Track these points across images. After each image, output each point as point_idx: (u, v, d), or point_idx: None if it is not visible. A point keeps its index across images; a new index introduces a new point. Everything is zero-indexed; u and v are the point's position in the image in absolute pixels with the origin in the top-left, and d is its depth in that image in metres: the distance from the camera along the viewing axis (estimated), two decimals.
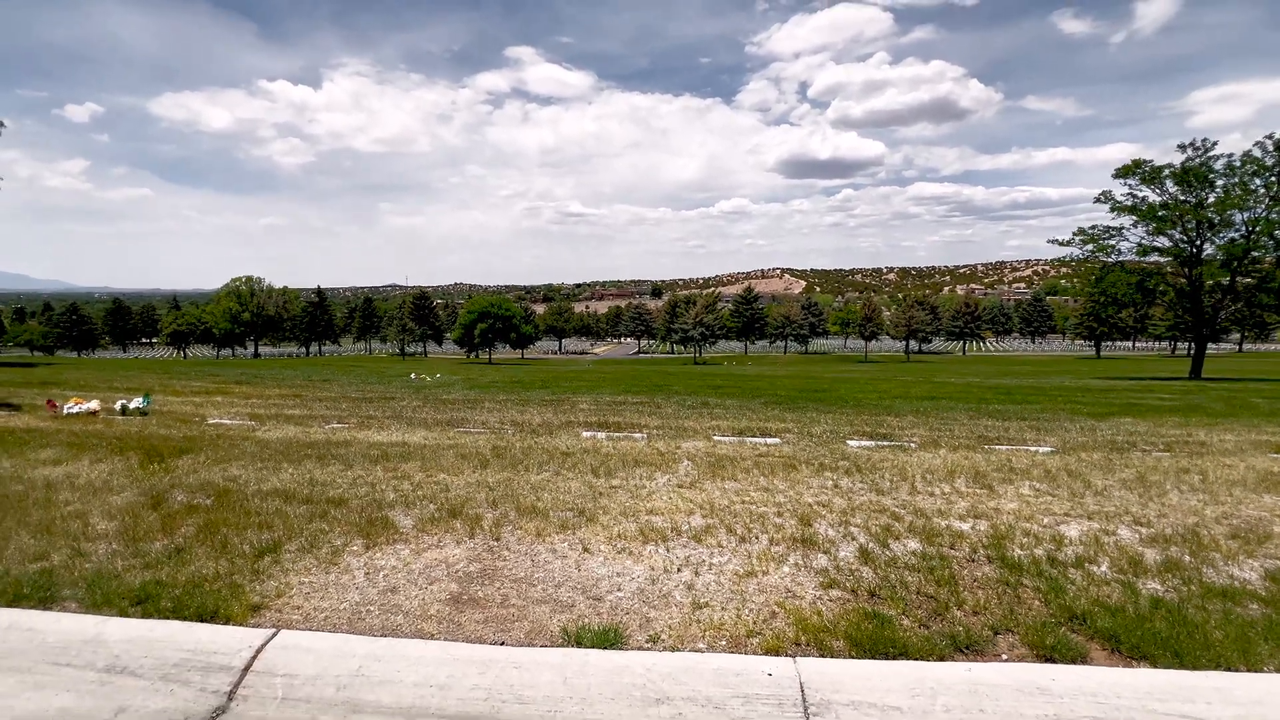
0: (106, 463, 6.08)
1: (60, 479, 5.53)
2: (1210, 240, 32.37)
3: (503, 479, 5.81)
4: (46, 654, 3.19)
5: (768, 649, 3.27)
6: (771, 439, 8.06)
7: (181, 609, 3.50)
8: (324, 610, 3.57)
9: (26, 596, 3.59)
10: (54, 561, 3.99)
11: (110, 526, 4.52)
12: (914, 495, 5.58)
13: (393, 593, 3.79)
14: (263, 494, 5.22)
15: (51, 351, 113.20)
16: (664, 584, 3.92)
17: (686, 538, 4.57)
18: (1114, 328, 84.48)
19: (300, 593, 3.74)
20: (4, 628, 3.34)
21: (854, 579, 3.93)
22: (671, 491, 5.60)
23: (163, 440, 7.01)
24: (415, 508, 5.02)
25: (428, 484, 5.61)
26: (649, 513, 5.03)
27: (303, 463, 6.21)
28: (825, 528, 4.73)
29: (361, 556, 4.21)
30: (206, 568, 3.94)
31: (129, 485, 5.39)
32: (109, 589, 3.67)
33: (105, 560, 4.02)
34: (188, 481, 5.53)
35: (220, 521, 4.58)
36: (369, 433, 7.90)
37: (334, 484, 5.59)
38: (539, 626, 3.48)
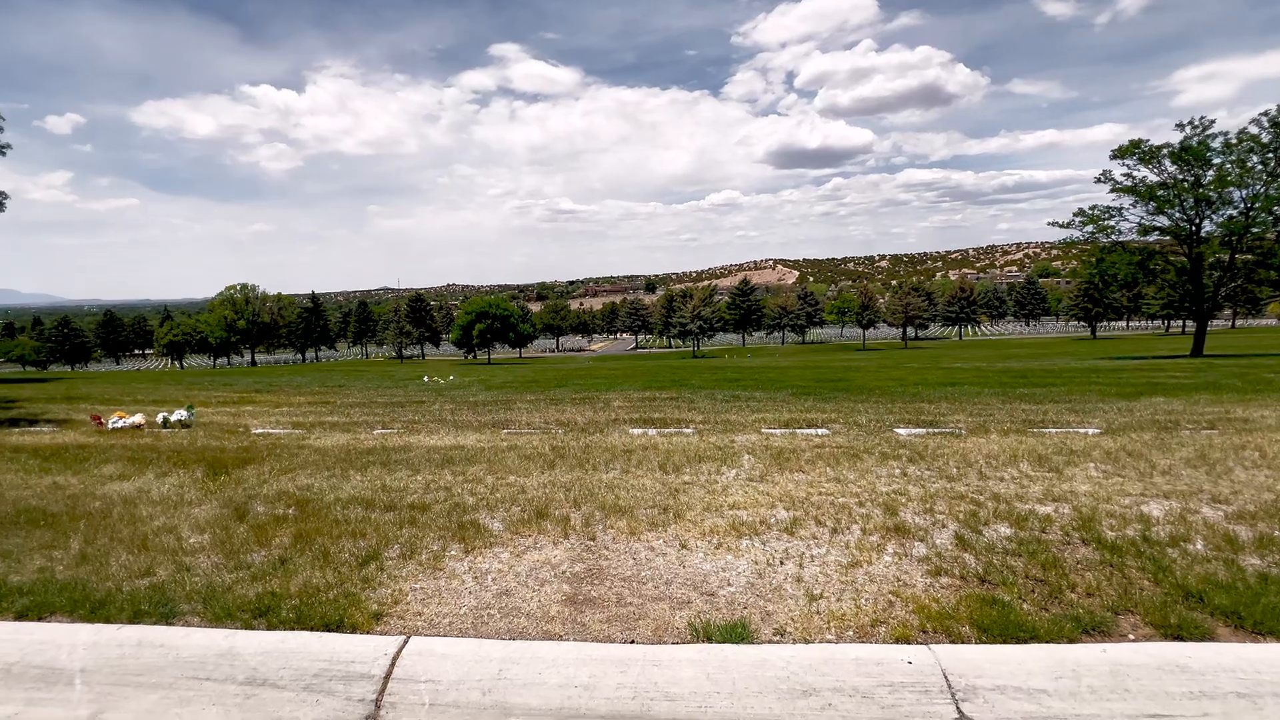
0: (173, 476, 6.06)
1: (133, 494, 5.52)
2: (1209, 218, 32.60)
3: (574, 479, 5.82)
4: (184, 669, 3.19)
5: (897, 637, 3.31)
6: (819, 430, 8.10)
7: (305, 620, 3.51)
8: (445, 616, 3.59)
9: (147, 613, 3.58)
10: (160, 576, 3.98)
11: (203, 540, 4.51)
12: (985, 480, 5.63)
13: (507, 595, 3.80)
14: (342, 502, 5.22)
15: (44, 366, 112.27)
16: (772, 577, 3.95)
17: (777, 531, 4.60)
18: (1109, 308, 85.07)
19: (416, 599, 3.75)
20: (135, 644, 3.34)
21: (959, 565, 3.97)
22: (745, 485, 5.63)
23: (219, 452, 6.99)
24: (499, 510, 5.03)
25: (502, 486, 5.62)
26: (731, 507, 5.06)
27: (368, 469, 6.20)
28: (911, 516, 4.77)
29: (463, 561, 4.22)
30: (315, 578, 3.94)
31: (205, 498, 5.38)
32: (226, 602, 3.67)
33: (211, 573, 4.02)
34: (263, 492, 5.52)
35: (312, 531, 4.58)
36: (420, 437, 7.89)
37: (408, 490, 5.59)
38: (663, 623, 3.50)
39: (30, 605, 3.63)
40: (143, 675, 3.16)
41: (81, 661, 3.24)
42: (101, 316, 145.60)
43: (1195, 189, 31.91)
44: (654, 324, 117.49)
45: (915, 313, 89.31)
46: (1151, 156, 33.19)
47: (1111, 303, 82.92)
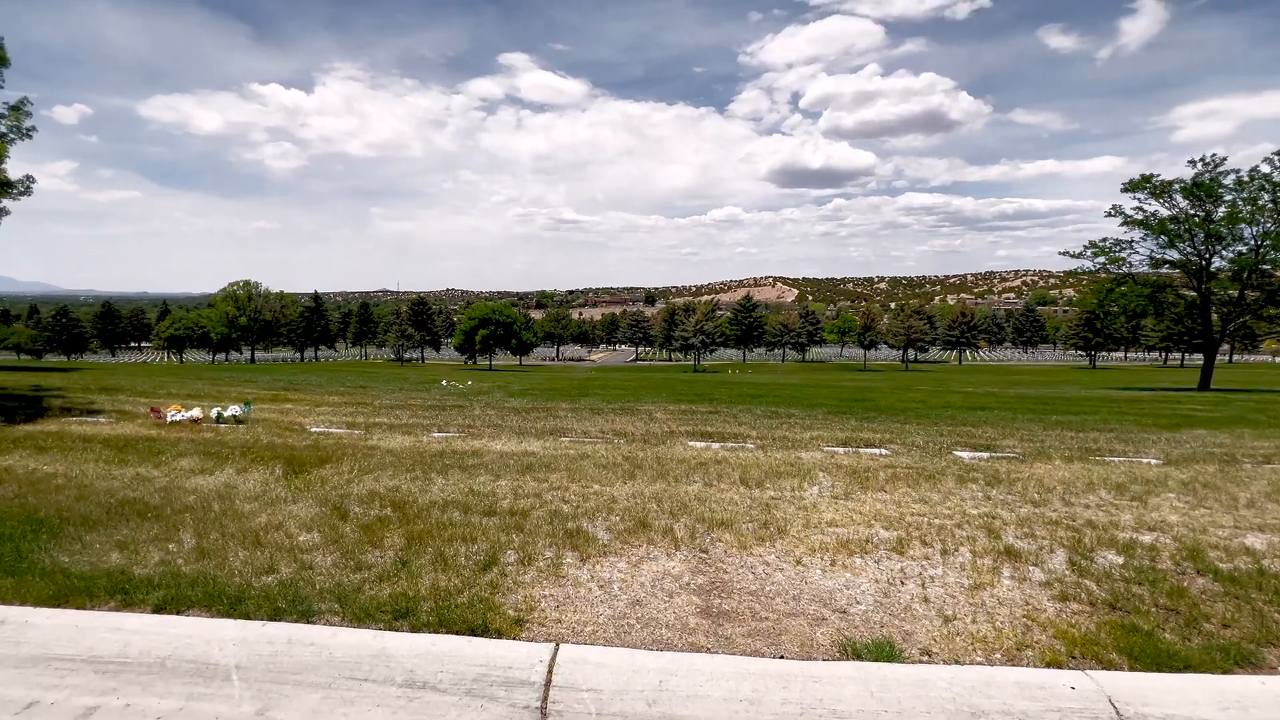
0: (254, 473, 6.03)
1: (222, 489, 5.48)
2: (1219, 254, 32.95)
3: (660, 490, 5.82)
4: (340, 669, 3.17)
5: (1047, 662, 3.32)
6: (878, 450, 8.12)
7: (447, 623, 3.50)
8: (586, 624, 3.58)
9: (285, 611, 3.56)
10: (284, 574, 3.96)
11: (313, 538, 4.49)
12: (1070, 507, 5.65)
13: (639, 606, 3.80)
14: (438, 505, 5.21)
15: (40, 355, 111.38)
16: (898, 596, 3.96)
17: (885, 550, 4.61)
18: (1109, 338, 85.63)
19: (550, 606, 3.74)
20: (285, 642, 3.31)
21: (1084, 591, 3.98)
22: (833, 503, 5.64)
23: (290, 450, 6.96)
24: (598, 519, 5.02)
25: (591, 495, 5.61)
26: (830, 525, 5.07)
27: (448, 473, 6.19)
28: (1015, 540, 4.79)
29: (581, 569, 4.21)
30: (441, 581, 3.93)
31: (297, 496, 5.36)
32: (363, 603, 3.66)
33: (334, 573, 4.00)
34: (353, 492, 5.50)
35: (420, 534, 4.57)
36: (483, 442, 7.87)
37: (497, 495, 5.58)
38: (805, 639, 3.50)
39: (166, 599, 3.60)
40: (300, 674, 3.14)
41: (235, 658, 3.21)
42: (99, 307, 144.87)
43: (1206, 224, 32.28)
44: (655, 336, 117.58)
45: (917, 335, 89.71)
46: (1163, 191, 33.57)
47: (1112, 333, 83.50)
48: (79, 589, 3.65)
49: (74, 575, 3.79)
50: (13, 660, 3.17)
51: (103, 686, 3.03)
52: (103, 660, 3.18)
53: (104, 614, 3.49)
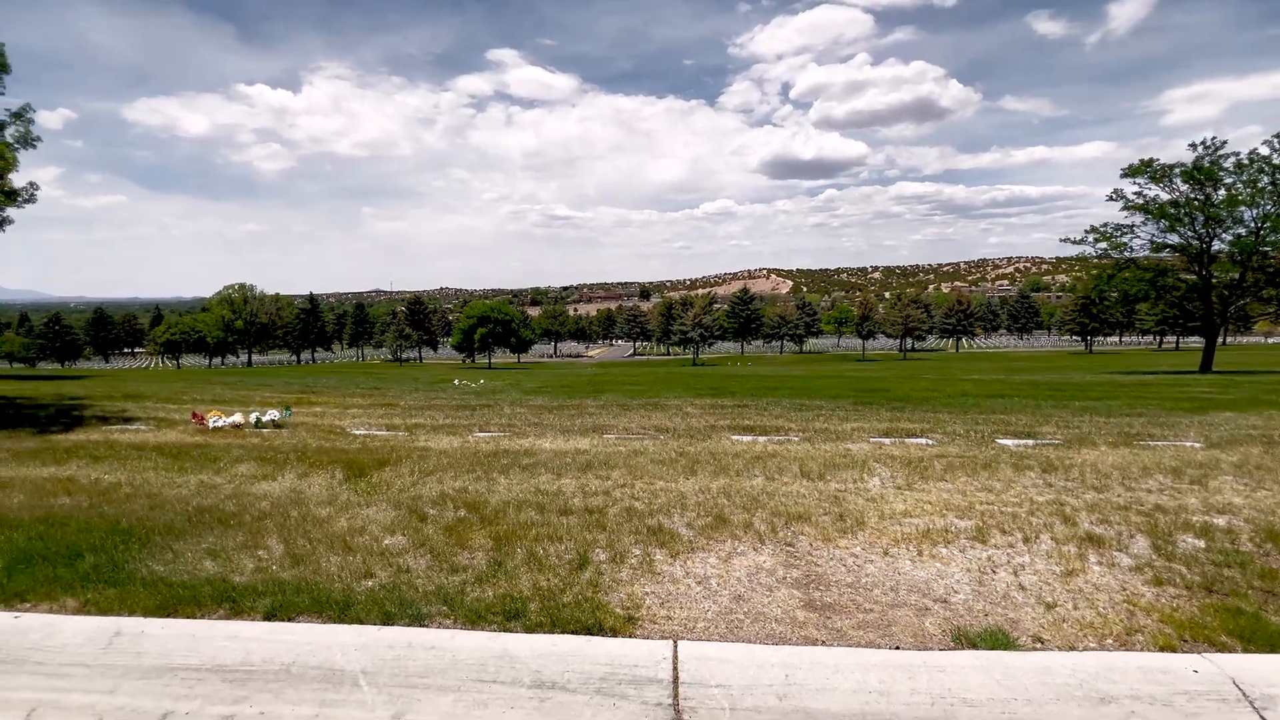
0: (315, 477, 6.01)
1: (290, 495, 5.47)
2: (1219, 237, 33.16)
3: (724, 485, 5.84)
4: (466, 672, 3.18)
5: (1161, 646, 3.35)
6: (920, 439, 8.16)
7: (559, 623, 3.51)
8: (696, 620, 3.60)
9: (396, 615, 3.56)
10: (383, 578, 3.96)
11: (399, 541, 4.48)
12: (1132, 492, 5.70)
13: (742, 601, 3.82)
14: (512, 505, 5.21)
15: (33, 363, 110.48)
16: (993, 585, 3.99)
17: (965, 539, 4.64)
18: (1105, 323, 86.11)
19: (654, 602, 3.75)
20: (405, 646, 3.32)
21: (1175, 575, 4.03)
22: (898, 494, 5.67)
23: (342, 453, 6.94)
24: (675, 515, 5.04)
25: (660, 492, 5.62)
26: (903, 515, 5.10)
27: (509, 473, 6.19)
28: (1091, 526, 4.83)
29: (673, 565, 4.23)
30: (540, 581, 3.94)
31: (368, 499, 5.35)
32: (469, 605, 3.66)
33: (431, 575, 4.00)
34: (423, 494, 5.49)
35: (505, 534, 4.57)
36: (530, 441, 7.87)
37: (564, 493, 5.58)
38: (916, 629, 3.53)
39: (275, 606, 3.59)
40: (427, 677, 3.14)
41: (359, 663, 3.21)
42: (91, 314, 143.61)
43: (1206, 207, 32.48)
44: (652, 331, 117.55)
45: (914, 325, 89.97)
46: (1163, 175, 33.75)
47: (1108, 318, 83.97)
48: (185, 598, 3.64)
49: (175, 584, 3.77)
50: (138, 671, 3.16)
51: (233, 695, 3.03)
52: (227, 669, 3.18)
53: (217, 622, 3.48)
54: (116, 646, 3.30)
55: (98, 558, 4.01)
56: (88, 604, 3.60)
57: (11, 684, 3.09)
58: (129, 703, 2.97)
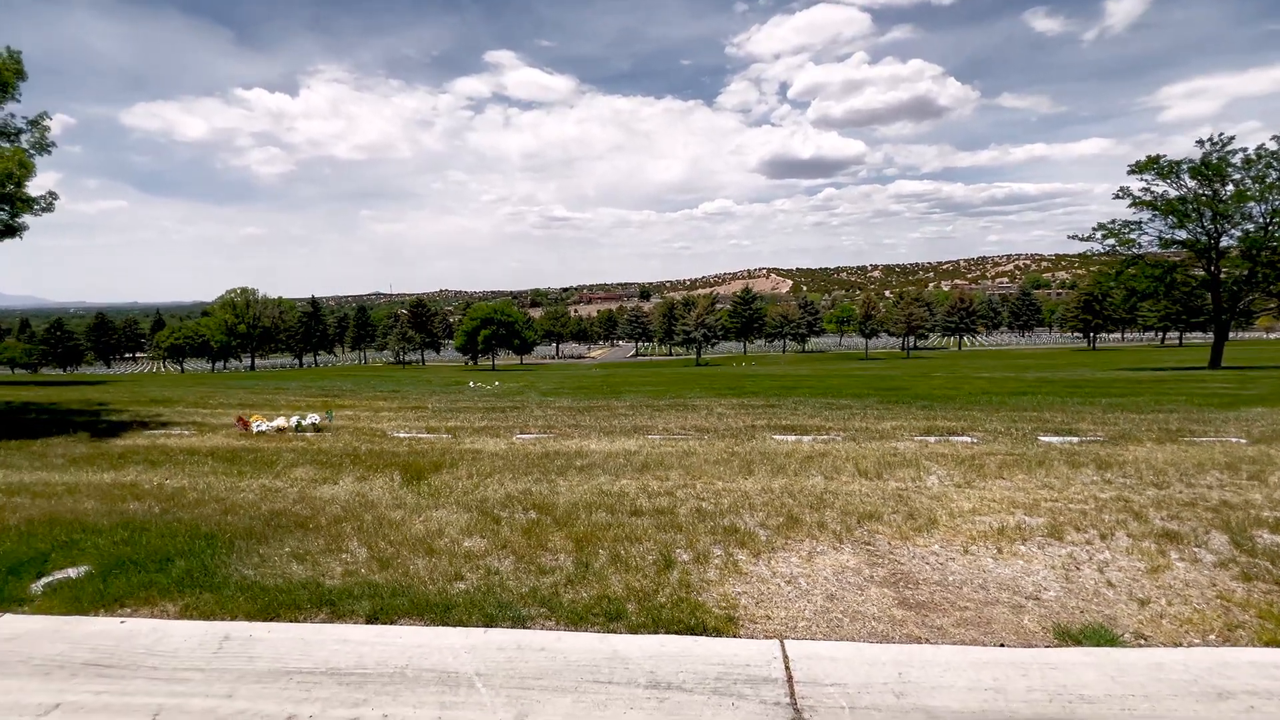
0: (375, 481, 6.02)
1: (355, 499, 5.48)
2: (1228, 233, 33.20)
3: (784, 485, 5.85)
4: (580, 673, 3.19)
5: (1267, 641, 3.37)
6: (962, 437, 8.17)
7: (661, 623, 3.52)
8: (795, 619, 3.61)
9: (496, 617, 3.57)
10: (473, 581, 3.97)
11: (479, 544, 4.49)
12: (1193, 488, 5.72)
13: (835, 600, 3.83)
14: (580, 506, 5.22)
15: (35, 369, 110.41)
16: (1081, 582, 4.01)
17: (1041, 536, 4.66)
18: (1108, 319, 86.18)
19: (748, 602, 3.77)
20: (515, 648, 3.33)
21: (1262, 570, 4.04)
22: (959, 491, 5.68)
23: (394, 456, 6.95)
24: (745, 515, 5.05)
25: (723, 492, 5.64)
26: (971, 513, 5.11)
27: (566, 474, 6.20)
28: (1163, 522, 4.84)
29: (758, 565, 4.24)
30: (631, 581, 3.95)
31: (437, 502, 5.36)
32: (567, 606, 3.67)
33: (520, 577, 4.01)
34: (489, 496, 5.50)
35: (582, 536, 4.58)
36: (575, 442, 7.88)
37: (628, 494, 5.59)
38: (1016, 626, 3.54)
39: (376, 609, 3.60)
40: (542, 679, 3.15)
41: (471, 665, 3.22)
42: (92, 319, 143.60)
43: (1214, 203, 32.52)
44: (654, 332, 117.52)
45: (917, 323, 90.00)
46: (1170, 171, 33.79)
47: (1111, 315, 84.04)
48: (285, 602, 3.65)
49: (270, 588, 3.78)
50: (252, 675, 3.17)
51: (352, 698, 3.04)
52: (341, 672, 3.18)
53: (324, 626, 3.49)
54: (227, 651, 3.31)
55: (188, 562, 4.02)
56: (188, 609, 3.61)
57: (129, 689, 3.10)
58: (249, 707, 2.98)
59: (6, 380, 28.28)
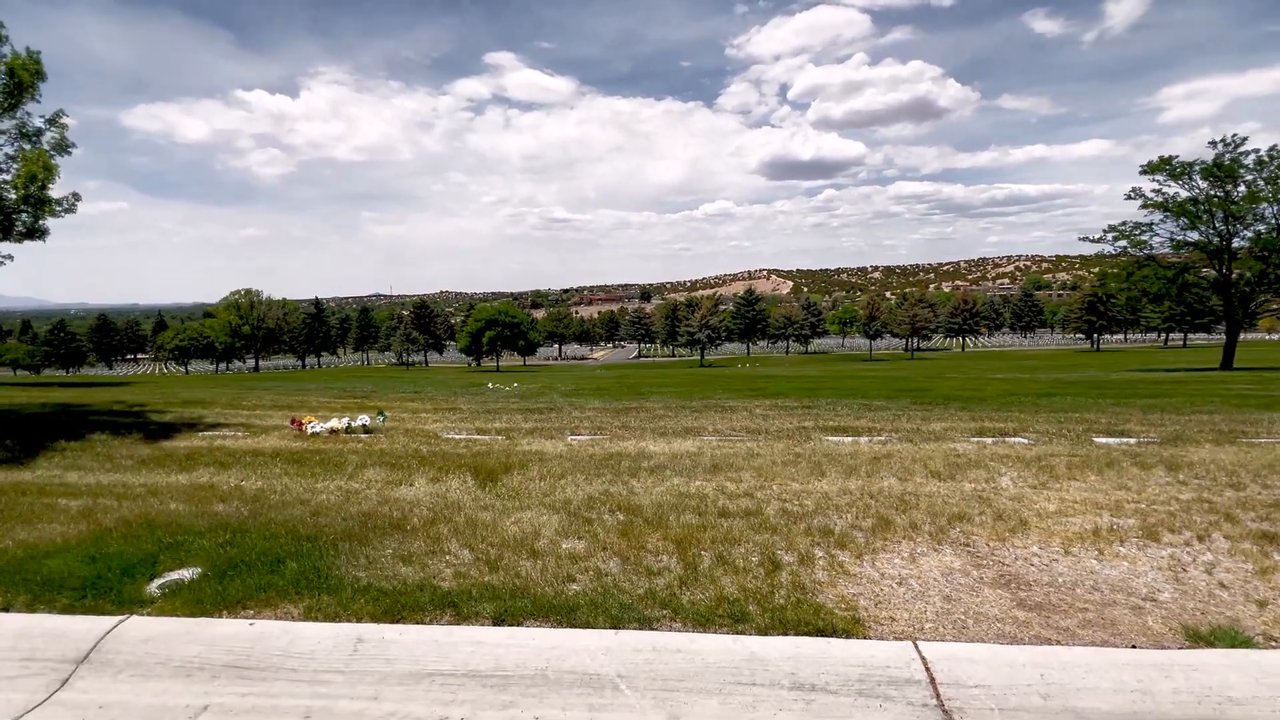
0: (449, 482, 6.01)
1: (437, 500, 5.47)
2: (1239, 234, 33.25)
3: (861, 486, 5.86)
4: (722, 674, 3.18)
5: None
6: (1016, 439, 8.17)
7: (785, 624, 3.53)
8: (921, 620, 3.61)
9: (621, 619, 3.57)
10: (585, 583, 3.97)
11: (578, 546, 4.49)
12: (1270, 489, 5.73)
13: (952, 601, 3.83)
14: (667, 508, 5.22)
15: (38, 370, 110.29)
16: (1192, 583, 4.01)
17: (1138, 538, 4.66)
18: (1112, 320, 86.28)
19: (868, 603, 3.77)
20: (650, 649, 3.32)
21: None
22: (1036, 492, 5.68)
23: (459, 457, 6.95)
24: (834, 516, 5.05)
25: (803, 493, 5.64)
26: (1057, 514, 5.12)
27: (638, 475, 6.20)
28: (1254, 523, 4.85)
29: (863, 566, 4.24)
30: (745, 583, 3.95)
31: (522, 504, 5.35)
32: (688, 607, 3.67)
33: (631, 578, 4.01)
34: (570, 497, 5.50)
35: (680, 538, 4.58)
36: (632, 443, 7.87)
37: (707, 496, 5.59)
38: (1143, 628, 3.54)
39: (500, 611, 3.60)
40: (683, 680, 3.15)
41: (610, 667, 3.22)
42: (94, 321, 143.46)
43: (1226, 204, 32.57)
44: (657, 333, 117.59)
45: (921, 324, 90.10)
46: (1182, 172, 33.86)
47: (1115, 316, 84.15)
48: (408, 604, 3.64)
49: (388, 591, 3.78)
50: (394, 677, 3.16)
51: (498, 700, 3.03)
52: (482, 674, 3.18)
53: (454, 628, 3.49)
54: (363, 653, 3.30)
55: (300, 564, 4.01)
56: (311, 611, 3.60)
57: (273, 690, 3.09)
58: (398, 709, 2.98)
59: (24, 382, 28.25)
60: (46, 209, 20.09)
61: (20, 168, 17.52)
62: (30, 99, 17.98)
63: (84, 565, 3.94)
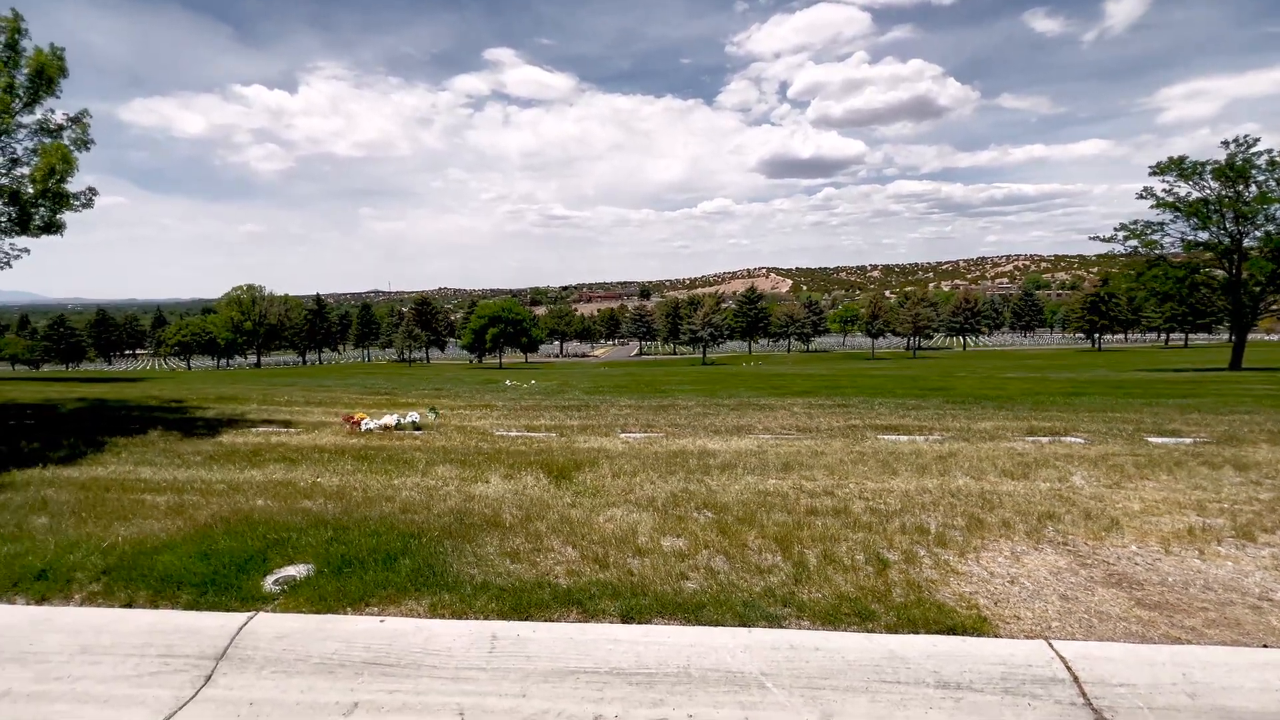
0: (523, 480, 6.00)
1: (520, 497, 5.47)
2: (1250, 234, 33.36)
3: (939, 485, 5.87)
4: (865, 672, 3.18)
5: None
6: (1070, 438, 8.19)
7: (911, 623, 3.52)
8: (1047, 618, 3.62)
9: (750, 617, 3.57)
10: (699, 581, 3.96)
11: (678, 544, 4.49)
12: None
13: (1069, 600, 3.83)
14: (753, 505, 5.22)
15: (37, 365, 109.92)
16: None
17: (1232, 537, 4.68)
18: (1114, 320, 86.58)
19: (986, 601, 3.77)
20: (788, 647, 3.32)
21: None
22: (1113, 492, 5.70)
23: (521, 455, 6.94)
24: (922, 515, 5.06)
25: (884, 492, 5.65)
26: (1141, 514, 5.13)
27: (710, 474, 6.20)
28: None
29: (970, 564, 4.24)
30: (859, 581, 3.95)
31: (609, 501, 5.35)
32: (812, 606, 3.68)
33: (742, 577, 4.01)
34: (653, 495, 5.50)
35: (780, 536, 4.58)
36: (688, 441, 7.87)
37: (787, 493, 5.60)
38: (1268, 627, 3.56)
39: (627, 609, 3.60)
40: (828, 679, 3.15)
41: (751, 665, 3.22)
42: (92, 316, 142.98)
43: (1237, 204, 32.68)
44: (658, 331, 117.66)
45: (924, 323, 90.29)
46: (1193, 172, 33.96)
47: (1117, 316, 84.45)
48: (532, 601, 3.64)
49: (508, 588, 3.77)
50: (538, 675, 3.16)
51: (648, 698, 3.03)
52: (625, 672, 3.18)
53: (585, 625, 3.48)
54: (501, 650, 3.30)
55: (413, 561, 4.01)
56: (436, 607, 3.60)
57: (420, 688, 3.08)
58: (550, 706, 2.97)
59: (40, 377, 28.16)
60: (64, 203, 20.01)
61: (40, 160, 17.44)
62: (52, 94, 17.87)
63: (198, 562, 3.92)
